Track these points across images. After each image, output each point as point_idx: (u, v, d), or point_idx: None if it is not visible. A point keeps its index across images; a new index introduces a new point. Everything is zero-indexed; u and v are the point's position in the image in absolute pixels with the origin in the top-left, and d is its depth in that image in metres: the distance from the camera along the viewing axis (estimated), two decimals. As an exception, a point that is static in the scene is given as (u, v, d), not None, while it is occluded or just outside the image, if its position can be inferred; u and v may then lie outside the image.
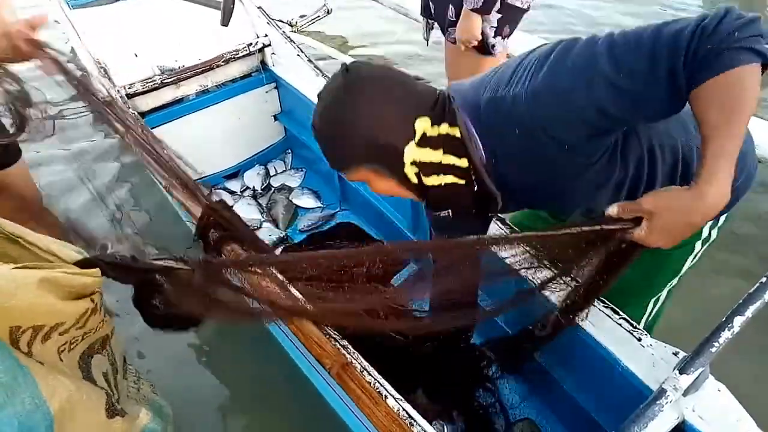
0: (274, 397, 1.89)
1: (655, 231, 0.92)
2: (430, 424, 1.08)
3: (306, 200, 2.54)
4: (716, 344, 1.01)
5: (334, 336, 1.22)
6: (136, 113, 2.08)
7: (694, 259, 1.32)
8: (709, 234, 1.28)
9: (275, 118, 2.69)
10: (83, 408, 1.16)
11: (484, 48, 2.13)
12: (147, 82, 2.21)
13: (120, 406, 1.30)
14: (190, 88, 2.37)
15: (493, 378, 1.66)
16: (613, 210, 0.97)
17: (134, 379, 1.53)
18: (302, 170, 2.68)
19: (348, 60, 3.68)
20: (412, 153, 1.06)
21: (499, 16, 2.05)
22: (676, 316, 2.07)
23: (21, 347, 1.09)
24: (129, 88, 2.17)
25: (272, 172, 2.67)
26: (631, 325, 1.21)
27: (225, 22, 2.16)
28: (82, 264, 1.10)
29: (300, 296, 1.22)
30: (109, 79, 2.17)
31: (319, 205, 2.53)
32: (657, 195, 0.93)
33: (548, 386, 1.51)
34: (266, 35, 2.45)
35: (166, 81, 2.25)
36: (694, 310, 2.10)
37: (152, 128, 2.12)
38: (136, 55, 2.29)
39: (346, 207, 2.48)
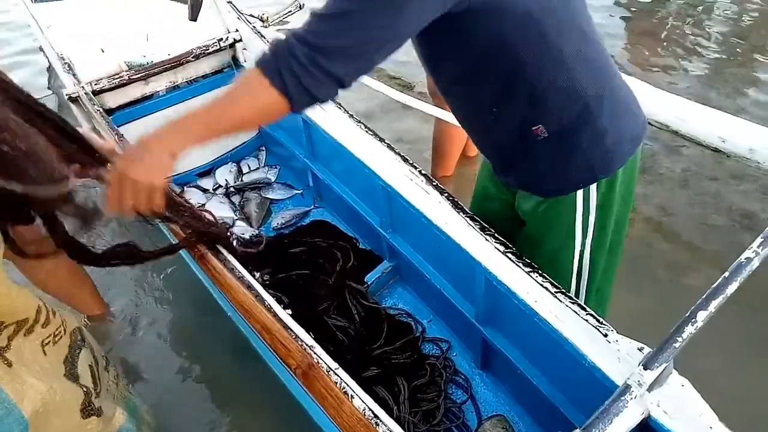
0: (244, 396, 1.87)
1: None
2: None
3: (279, 192, 2.52)
4: (680, 339, 1.01)
5: (300, 336, 1.21)
6: (102, 110, 2.04)
7: (583, 239, 1.30)
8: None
9: (248, 114, 2.65)
10: (57, 409, 1.14)
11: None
12: (114, 78, 2.16)
13: (98, 405, 1.28)
14: (159, 84, 2.33)
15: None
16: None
17: (114, 374, 1.50)
18: (276, 167, 2.65)
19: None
20: None
21: None
22: (648, 305, 2.10)
23: (0, 342, 1.05)
24: (95, 84, 2.12)
25: (245, 170, 2.63)
26: (598, 320, 1.21)
27: (193, 16, 2.12)
28: None
29: None
30: (74, 75, 2.12)
31: (293, 193, 2.52)
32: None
33: (519, 382, 1.51)
34: (237, 30, 2.42)
35: (133, 77, 2.21)
36: (664, 302, 2.13)
37: (119, 126, 2.09)
38: (103, 51, 2.24)
39: (320, 205, 2.46)
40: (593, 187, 1.22)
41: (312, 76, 0.90)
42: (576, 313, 1.23)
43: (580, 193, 1.23)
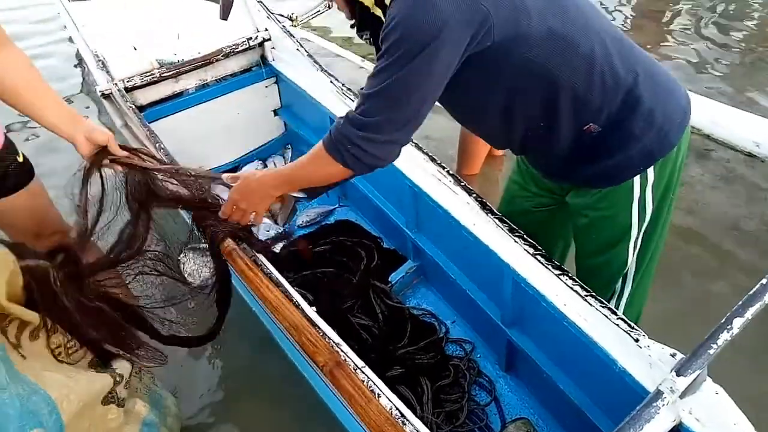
0: (269, 392, 1.89)
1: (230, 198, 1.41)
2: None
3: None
4: (714, 346, 0.99)
5: (327, 333, 1.21)
6: (134, 107, 2.07)
7: (640, 224, 1.31)
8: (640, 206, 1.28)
9: (275, 113, 2.68)
10: (82, 395, 1.16)
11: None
12: (146, 76, 2.20)
13: (122, 396, 1.30)
14: (189, 82, 2.36)
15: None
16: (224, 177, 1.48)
17: (137, 368, 1.53)
18: (302, 166, 2.66)
19: (349, 54, 3.68)
20: None
21: None
22: (676, 311, 2.07)
23: (9, 337, 1.08)
24: (127, 81, 2.15)
25: (271, 167, 2.65)
26: (629, 325, 1.19)
27: (224, 16, 2.13)
28: None
29: None
30: (108, 72, 2.16)
31: None
32: (246, 175, 1.40)
33: (545, 386, 1.49)
34: (266, 29, 2.44)
35: (165, 75, 2.24)
36: (694, 307, 2.09)
37: (150, 122, 2.11)
38: (135, 49, 2.28)
39: (346, 203, 2.47)
40: (650, 170, 1.21)
41: (365, 151, 1.07)
42: (606, 317, 1.21)
43: (637, 178, 1.22)
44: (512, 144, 1.31)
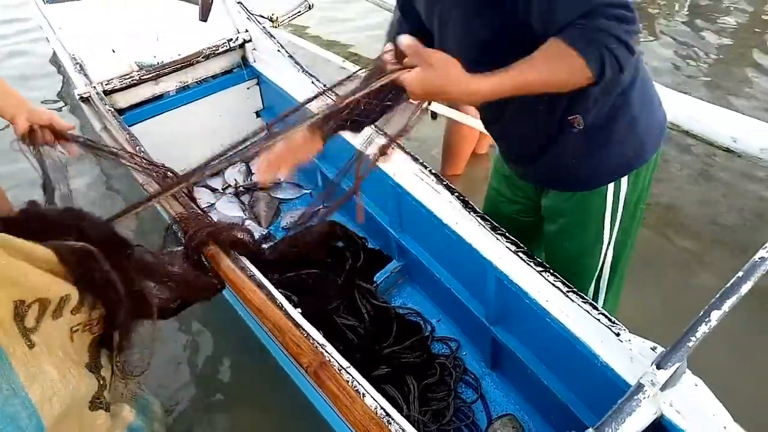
0: (255, 394, 1.88)
1: (418, 78, 0.99)
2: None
3: (288, 192, 2.52)
4: (693, 339, 1.01)
5: (311, 334, 1.21)
6: (113, 110, 2.05)
7: (611, 235, 1.31)
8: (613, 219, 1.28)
9: (257, 114, 2.66)
10: (66, 398, 1.13)
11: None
12: (125, 79, 2.18)
13: (108, 400, 1.28)
14: (169, 84, 2.34)
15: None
16: (405, 42, 1.00)
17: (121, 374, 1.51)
18: (285, 167, 2.65)
19: (330, 55, 3.65)
20: None
21: None
22: (656, 305, 2.09)
23: (27, 323, 1.05)
24: (106, 84, 2.13)
25: (254, 169, 2.64)
26: (610, 320, 1.20)
27: (203, 17, 2.14)
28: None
29: None
30: (86, 75, 2.13)
31: (302, 193, 2.53)
32: (447, 57, 0.98)
33: (529, 382, 1.50)
34: (246, 30, 2.43)
35: (144, 77, 2.22)
36: (674, 301, 2.12)
37: (130, 125, 2.09)
38: (114, 51, 2.25)
39: (330, 204, 2.46)
40: (624, 179, 1.21)
41: (628, 48, 0.90)
42: (588, 312, 1.23)
43: (611, 185, 1.22)
44: (495, 112, 1.25)
